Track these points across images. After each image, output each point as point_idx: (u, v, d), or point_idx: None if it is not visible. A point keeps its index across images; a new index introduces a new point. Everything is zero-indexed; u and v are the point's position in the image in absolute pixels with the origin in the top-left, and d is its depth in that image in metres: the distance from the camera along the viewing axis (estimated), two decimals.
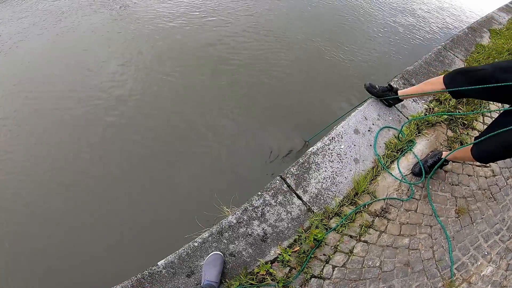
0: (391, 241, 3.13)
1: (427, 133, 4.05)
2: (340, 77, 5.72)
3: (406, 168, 3.71)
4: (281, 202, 3.16)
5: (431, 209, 3.43)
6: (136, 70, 5.39)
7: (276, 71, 5.61)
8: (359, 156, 3.68)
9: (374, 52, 6.45)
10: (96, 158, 4.39)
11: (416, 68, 4.81)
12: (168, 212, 4.01)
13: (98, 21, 6.52)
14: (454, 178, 3.76)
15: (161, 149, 4.49)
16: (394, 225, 3.23)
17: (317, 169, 3.44)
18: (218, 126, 4.76)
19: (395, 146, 3.81)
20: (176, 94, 5.10)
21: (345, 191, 3.36)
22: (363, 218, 3.19)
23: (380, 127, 3.93)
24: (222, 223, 2.96)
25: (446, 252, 3.20)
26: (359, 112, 4.03)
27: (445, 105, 4.38)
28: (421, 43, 7.16)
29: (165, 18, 6.49)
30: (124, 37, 6.07)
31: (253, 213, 3.06)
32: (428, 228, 3.32)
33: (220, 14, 6.77)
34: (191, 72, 5.41)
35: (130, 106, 4.88)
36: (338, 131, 3.78)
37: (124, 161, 4.42)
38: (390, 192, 3.46)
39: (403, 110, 4.20)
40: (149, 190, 4.16)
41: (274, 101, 5.12)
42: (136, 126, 4.69)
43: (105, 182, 4.24)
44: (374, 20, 7.34)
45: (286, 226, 3.03)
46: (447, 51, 5.31)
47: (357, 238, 3.08)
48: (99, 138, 4.56)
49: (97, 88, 5.13)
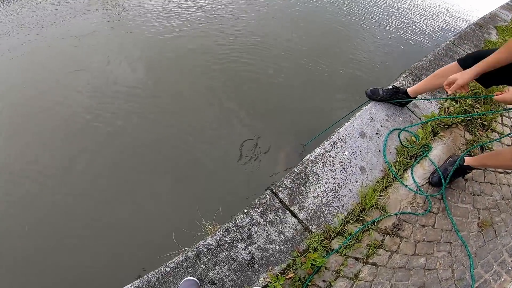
0: (404, 262, 2.79)
1: (443, 136, 3.68)
2: (338, 79, 5.55)
3: (421, 177, 3.32)
4: (271, 221, 2.73)
5: (451, 224, 3.12)
6: (125, 79, 5.15)
7: (269, 74, 5.40)
8: (366, 164, 3.25)
9: (372, 53, 6.31)
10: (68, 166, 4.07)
11: (426, 64, 4.54)
12: (142, 227, 3.58)
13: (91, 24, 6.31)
14: (475, 187, 3.45)
15: (140, 157, 4.18)
16: (408, 244, 2.89)
17: (315, 181, 3.04)
18: (204, 131, 4.48)
19: (408, 151, 3.45)
20: (164, 101, 4.86)
21: (349, 206, 2.98)
22: (371, 237, 2.82)
23: (390, 130, 3.54)
24: (199, 246, 2.53)
25: (467, 270, 2.91)
26: (364, 112, 3.63)
27: (461, 104, 4.03)
28: (424, 40, 7.10)
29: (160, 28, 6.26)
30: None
31: (237, 234, 2.63)
32: (447, 245, 3.00)
33: (217, 16, 6.63)
34: (180, 79, 5.20)
35: (112, 116, 4.58)
36: (340, 134, 3.37)
37: (91, 170, 4.06)
38: (403, 206, 3.09)
39: (414, 110, 3.85)
40: (120, 202, 3.76)
41: (269, 104, 4.88)
42: (115, 135, 4.37)
43: (70, 190, 3.89)
44: (371, 22, 7.26)
45: (278, 249, 2.62)
46: (456, 46, 5.09)
47: (363, 260, 2.71)
48: (77, 146, 4.25)
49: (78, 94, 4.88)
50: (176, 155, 4.18)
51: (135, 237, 3.52)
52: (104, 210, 3.69)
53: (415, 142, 3.50)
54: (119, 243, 3.47)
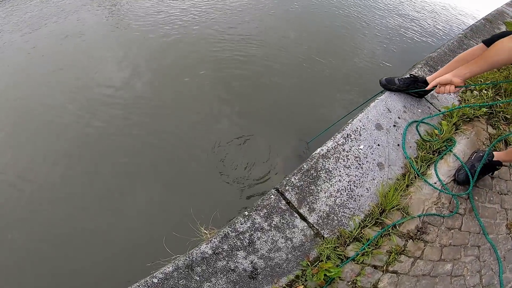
0: (429, 269, 2.49)
1: (466, 129, 3.41)
2: (338, 76, 5.44)
3: (446, 174, 3.00)
4: (277, 225, 2.38)
5: (479, 226, 2.84)
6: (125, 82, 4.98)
7: (271, 74, 5.27)
8: (384, 159, 2.92)
9: (373, 50, 6.25)
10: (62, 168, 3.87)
11: (441, 55, 4.32)
12: (128, 231, 3.31)
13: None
14: (502, 186, 3.18)
15: (128, 156, 3.97)
16: (433, 249, 2.59)
17: (328, 178, 2.68)
18: (199, 127, 4.30)
19: (430, 146, 3.14)
20: (164, 99, 4.73)
21: (367, 207, 2.65)
22: (392, 242, 2.50)
23: (408, 122, 3.25)
24: (192, 254, 2.17)
25: (495, 276, 2.63)
26: (380, 102, 3.33)
27: (481, 97, 3.79)
28: (427, 38, 7.09)
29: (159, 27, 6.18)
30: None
31: (237, 241, 2.27)
32: (475, 249, 2.72)
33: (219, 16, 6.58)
34: (182, 76, 5.07)
35: (105, 117, 4.41)
36: (354, 126, 3.04)
37: (82, 168, 3.85)
38: (427, 207, 2.76)
39: (433, 101, 3.59)
40: (104, 203, 3.54)
41: (270, 102, 4.74)
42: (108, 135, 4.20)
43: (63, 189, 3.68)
44: (372, 21, 7.23)
45: (284, 258, 2.28)
46: (469, 39, 4.91)
47: (383, 269, 2.39)
48: (70, 148, 4.08)
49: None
50: (169, 152, 3.96)
51: (120, 241, 3.24)
52: (87, 213, 3.44)
53: (437, 136, 3.21)
54: (103, 248, 3.20)
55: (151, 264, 2.46)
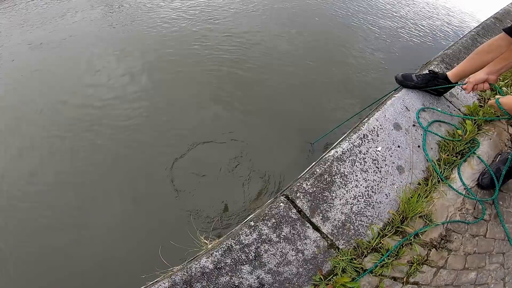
0: (452, 279, 2.34)
1: (488, 130, 3.21)
2: (337, 79, 5.31)
3: (470, 178, 2.80)
4: (287, 236, 2.14)
5: (504, 232, 2.68)
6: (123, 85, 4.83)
7: (272, 74, 5.17)
8: (405, 162, 2.70)
9: (374, 52, 6.12)
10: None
11: (456, 52, 4.19)
12: (123, 239, 3.13)
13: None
14: None
15: (123, 158, 3.83)
16: (457, 257, 2.44)
17: (343, 184, 2.45)
18: (200, 129, 4.15)
19: (453, 147, 2.93)
20: (165, 98, 4.59)
21: (386, 215, 2.43)
22: (414, 252, 2.31)
23: (429, 122, 3.04)
24: (191, 269, 1.94)
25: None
26: (397, 100, 3.12)
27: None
28: (426, 40, 7.00)
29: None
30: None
31: (241, 255, 2.03)
32: (500, 256, 2.58)
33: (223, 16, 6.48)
34: (184, 77, 4.93)
35: (105, 121, 4.25)
36: (371, 125, 2.81)
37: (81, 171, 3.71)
38: (451, 213, 2.57)
39: (452, 100, 3.42)
40: (95, 207, 3.38)
41: (269, 104, 4.61)
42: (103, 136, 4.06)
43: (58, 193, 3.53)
44: (375, 22, 7.14)
45: (295, 272, 2.05)
46: (481, 37, 4.82)
47: (403, 280, 2.21)
48: (69, 150, 3.94)
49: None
50: (167, 154, 3.80)
51: (114, 250, 3.05)
52: (77, 216, 3.31)
53: (460, 136, 3.01)
54: (96, 257, 3.02)
55: (146, 276, 2.27)
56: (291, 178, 3.14)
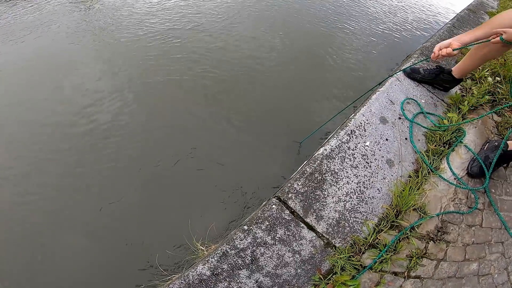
0: (454, 270, 2.33)
1: (472, 118, 3.22)
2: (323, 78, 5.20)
3: (460, 167, 2.81)
4: (282, 238, 2.11)
5: (500, 221, 2.68)
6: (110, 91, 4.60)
7: (256, 74, 5.04)
8: (394, 155, 2.69)
9: (356, 51, 5.97)
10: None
11: (434, 44, 4.05)
12: (117, 247, 2.96)
13: None
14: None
15: (110, 158, 3.66)
16: (456, 249, 2.43)
17: (334, 181, 2.43)
18: (190, 130, 4.00)
19: (440, 137, 2.94)
20: (154, 104, 4.40)
21: (380, 209, 2.41)
22: (411, 246, 2.31)
23: (414, 113, 3.07)
24: (188, 277, 1.89)
25: None
26: (381, 94, 3.14)
27: (482, 84, 3.70)
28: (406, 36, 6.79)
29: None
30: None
31: (237, 259, 2.00)
32: (499, 245, 2.58)
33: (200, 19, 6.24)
34: (170, 84, 4.72)
35: (95, 125, 4.06)
36: (358, 121, 2.81)
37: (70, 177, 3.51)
38: (444, 204, 2.56)
39: (435, 91, 3.45)
40: (92, 218, 3.17)
41: (255, 104, 4.51)
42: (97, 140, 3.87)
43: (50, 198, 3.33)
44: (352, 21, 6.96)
45: (293, 274, 2.02)
46: (457, 29, 4.93)
47: (404, 275, 2.20)
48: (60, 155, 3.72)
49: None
50: (157, 163, 3.65)
51: (109, 259, 2.90)
52: (71, 227, 3.12)
53: (446, 127, 3.03)
54: (89, 267, 2.87)
55: (145, 286, 2.33)
56: (283, 179, 3.16)
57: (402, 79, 3.39)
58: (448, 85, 3.39)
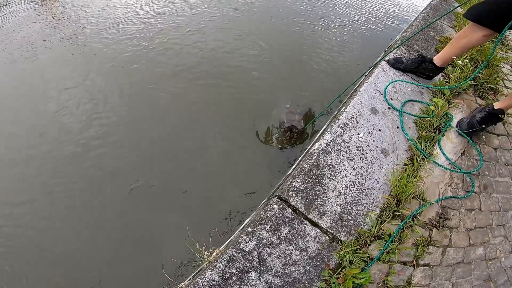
0: (461, 256, 2.36)
1: (457, 103, 3.34)
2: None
3: (452, 152, 2.86)
4: (287, 237, 2.09)
5: (498, 203, 2.73)
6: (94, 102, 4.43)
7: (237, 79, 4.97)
8: (388, 144, 2.70)
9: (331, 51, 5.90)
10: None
11: (412, 34, 4.25)
12: (124, 259, 2.88)
13: None
14: (506, 157, 3.12)
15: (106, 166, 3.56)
16: (460, 234, 2.45)
17: (333, 175, 2.42)
18: (183, 130, 3.94)
19: (430, 124, 2.98)
20: (141, 111, 4.27)
21: (381, 200, 2.40)
22: (416, 234, 2.31)
23: (402, 102, 3.10)
24: (198, 284, 1.84)
25: None
26: (369, 85, 3.17)
27: (463, 70, 3.78)
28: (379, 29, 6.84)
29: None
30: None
31: (245, 262, 1.97)
32: (501, 228, 2.61)
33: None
34: (159, 88, 4.60)
35: (86, 133, 3.93)
36: (349, 113, 2.82)
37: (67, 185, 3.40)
38: (442, 190, 2.59)
39: (419, 80, 3.51)
40: (93, 231, 3.09)
41: (242, 107, 4.43)
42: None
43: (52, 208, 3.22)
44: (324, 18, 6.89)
45: (302, 271, 1.99)
46: (432, 18, 5.03)
47: (413, 263, 2.21)
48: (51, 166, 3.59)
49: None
50: (151, 159, 3.62)
51: (114, 274, 2.82)
52: (67, 233, 3.04)
53: (436, 112, 3.08)
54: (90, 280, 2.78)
55: None
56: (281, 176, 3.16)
57: (387, 69, 3.42)
58: (431, 74, 3.46)
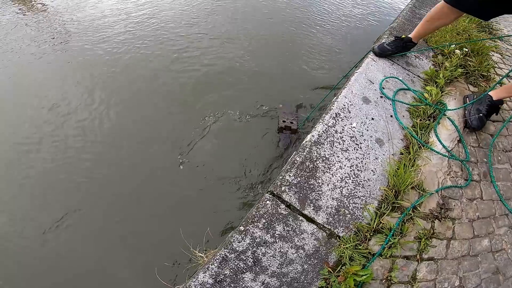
0: (466, 249, 2.26)
1: (450, 90, 3.29)
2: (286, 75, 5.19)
3: (448, 139, 2.78)
4: (282, 234, 1.99)
5: (499, 192, 2.64)
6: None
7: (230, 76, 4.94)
8: (382, 133, 2.63)
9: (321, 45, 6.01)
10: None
11: (400, 25, 4.36)
12: (118, 262, 2.85)
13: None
14: (504, 143, 3.06)
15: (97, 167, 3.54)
16: (463, 225, 2.36)
17: (327, 168, 2.33)
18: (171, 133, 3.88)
19: (424, 111, 2.93)
20: (135, 110, 4.26)
21: (378, 191, 2.32)
22: (417, 227, 2.21)
23: (394, 91, 3.05)
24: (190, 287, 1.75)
25: None
26: (360, 75, 3.12)
27: (452, 58, 3.77)
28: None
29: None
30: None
31: (239, 263, 1.86)
32: (505, 218, 2.52)
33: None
34: (158, 86, 4.62)
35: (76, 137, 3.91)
36: (341, 103, 2.75)
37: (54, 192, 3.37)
38: (441, 179, 2.50)
39: (409, 68, 3.50)
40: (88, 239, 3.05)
41: (236, 104, 4.41)
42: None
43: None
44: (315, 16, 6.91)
45: (300, 270, 1.89)
46: (419, 9, 5.04)
47: (417, 257, 2.12)
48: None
49: None
50: (141, 160, 3.58)
51: (110, 278, 2.78)
52: (71, 251, 2.96)
53: (429, 100, 3.05)
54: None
55: None
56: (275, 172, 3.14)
57: (377, 59, 3.39)
58: (407, 50, 3.57)
